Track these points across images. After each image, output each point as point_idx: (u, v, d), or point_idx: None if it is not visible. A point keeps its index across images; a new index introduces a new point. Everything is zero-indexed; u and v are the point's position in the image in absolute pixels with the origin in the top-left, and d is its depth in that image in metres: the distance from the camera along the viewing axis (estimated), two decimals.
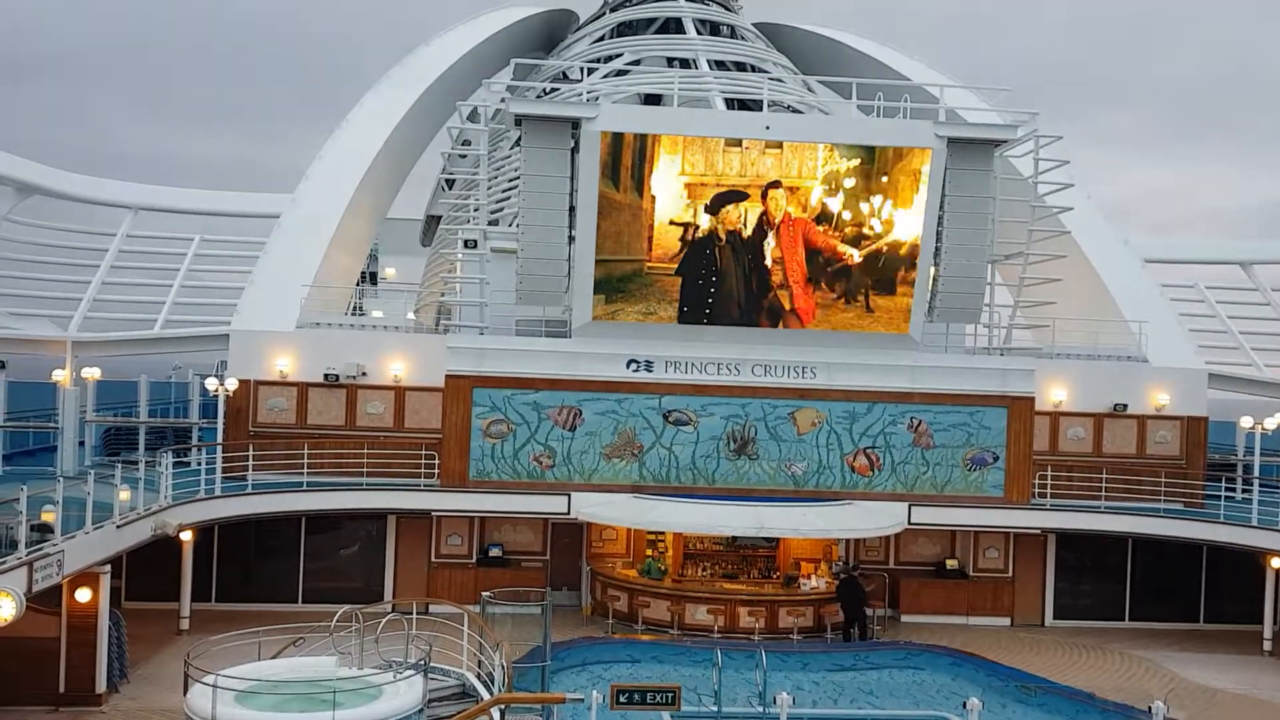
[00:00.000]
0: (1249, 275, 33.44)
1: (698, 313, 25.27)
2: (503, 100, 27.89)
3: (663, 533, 25.88)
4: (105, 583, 18.32)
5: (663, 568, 25.43)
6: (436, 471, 25.34)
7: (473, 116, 29.59)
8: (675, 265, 24.97)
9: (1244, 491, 27.65)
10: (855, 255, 25.17)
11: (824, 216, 25.03)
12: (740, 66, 33.79)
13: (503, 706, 15.98)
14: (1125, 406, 27.82)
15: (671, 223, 24.74)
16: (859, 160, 24.74)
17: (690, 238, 24.84)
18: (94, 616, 18.17)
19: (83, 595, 18.02)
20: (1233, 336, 31.95)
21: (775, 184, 24.75)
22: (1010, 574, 27.21)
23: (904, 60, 37.15)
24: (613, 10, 37.98)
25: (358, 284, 33.81)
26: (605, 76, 32.50)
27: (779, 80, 32.71)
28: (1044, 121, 26.82)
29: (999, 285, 28.14)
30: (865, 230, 25.13)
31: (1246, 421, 28.15)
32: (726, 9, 37.44)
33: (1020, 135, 26.44)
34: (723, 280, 25.23)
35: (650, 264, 25.00)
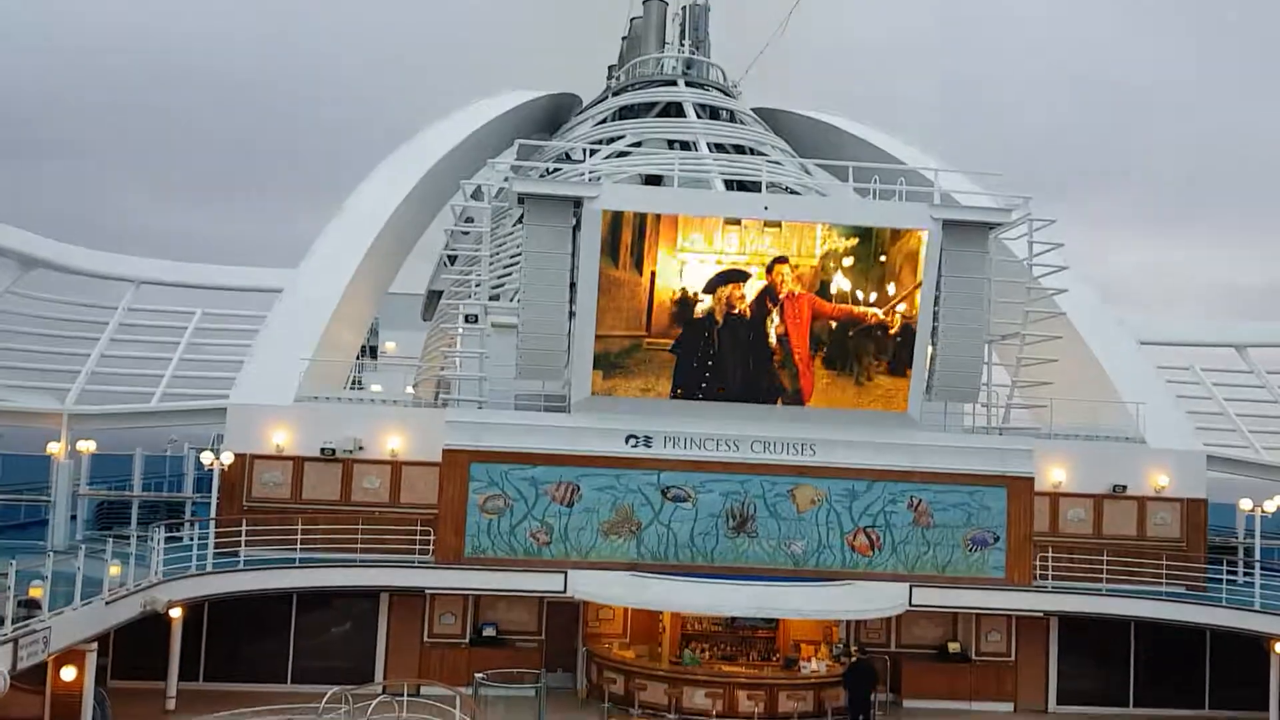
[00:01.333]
0: (1244, 358, 33.59)
1: (692, 391, 25.26)
2: (506, 179, 28.28)
3: (663, 612, 25.53)
4: (91, 660, 17.93)
5: (698, 658, 25.05)
6: (431, 548, 25.08)
7: (476, 194, 29.99)
8: (672, 342, 25.01)
9: (1246, 575, 27.42)
10: (878, 313, 25.16)
11: (824, 293, 25.17)
12: (739, 149, 34.39)
13: None
14: (1124, 488, 27.71)
15: (670, 301, 24.88)
16: (856, 240, 24.99)
17: (689, 317, 24.95)
18: (79, 695, 17.74)
19: (68, 674, 17.63)
20: (1229, 419, 31.95)
21: (782, 259, 24.90)
22: (1013, 658, 26.79)
23: (898, 144, 37.84)
24: (615, 94, 38.83)
25: (358, 358, 33.91)
26: (607, 157, 33.04)
27: (777, 163, 33.27)
28: (1037, 204, 27.22)
29: (996, 365, 28.24)
30: (864, 309, 25.28)
31: (1246, 504, 28.06)
32: (726, 94, 38.28)
33: (1014, 218, 26.80)
34: (720, 360, 25.27)
35: (650, 340, 25.08)
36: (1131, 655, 27.05)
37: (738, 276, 24.96)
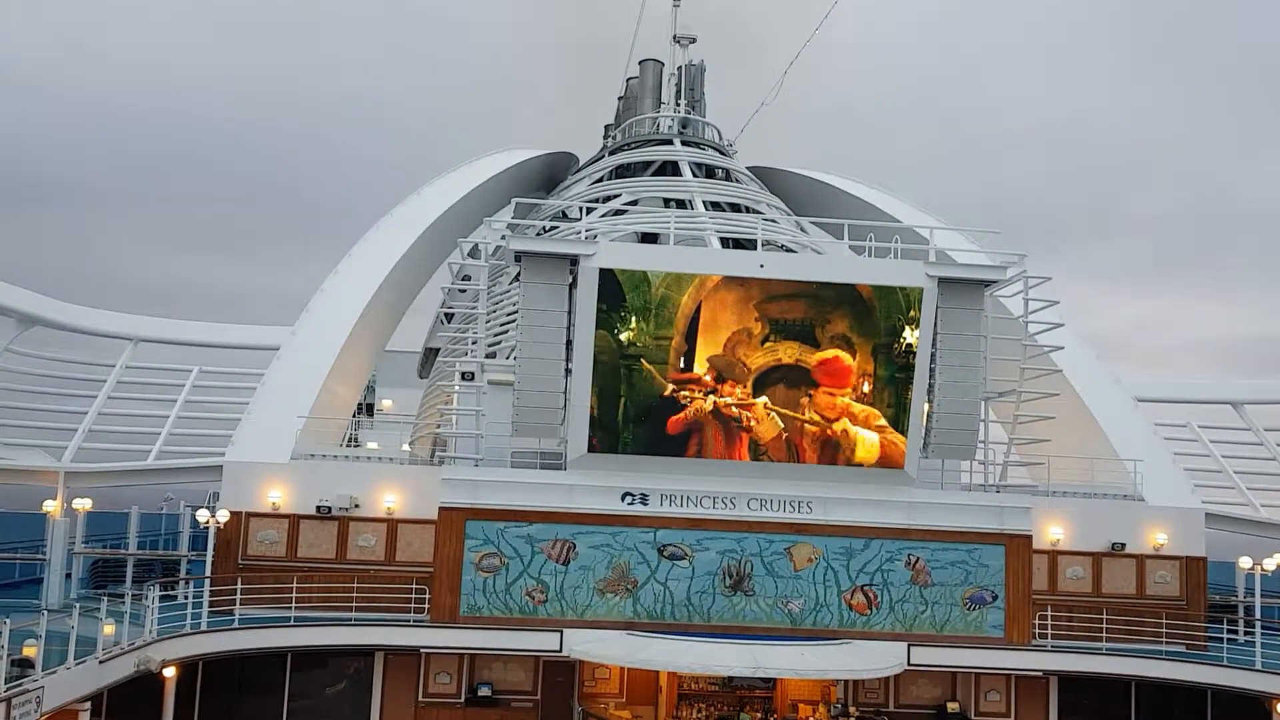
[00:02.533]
0: (1241, 415, 33.70)
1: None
2: (503, 237, 28.57)
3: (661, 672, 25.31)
4: None
5: None
6: (427, 606, 24.92)
7: (473, 253, 30.29)
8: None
9: (1246, 634, 27.24)
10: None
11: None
12: (735, 207, 34.77)
13: None
14: (1123, 545, 27.64)
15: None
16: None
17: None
18: None
19: None
20: (1227, 476, 32.01)
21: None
22: (1013, 717, 26.50)
23: (893, 201, 38.24)
24: (611, 153, 39.34)
25: (354, 415, 33.94)
26: (604, 215, 33.39)
27: (773, 220, 33.61)
28: (1032, 261, 27.45)
29: (993, 422, 28.29)
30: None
31: (1245, 562, 27.94)
32: (721, 153, 38.81)
33: (1010, 275, 27.01)
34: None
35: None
36: (1132, 714, 26.75)
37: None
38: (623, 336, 24.65)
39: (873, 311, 25.11)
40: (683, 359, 24.99)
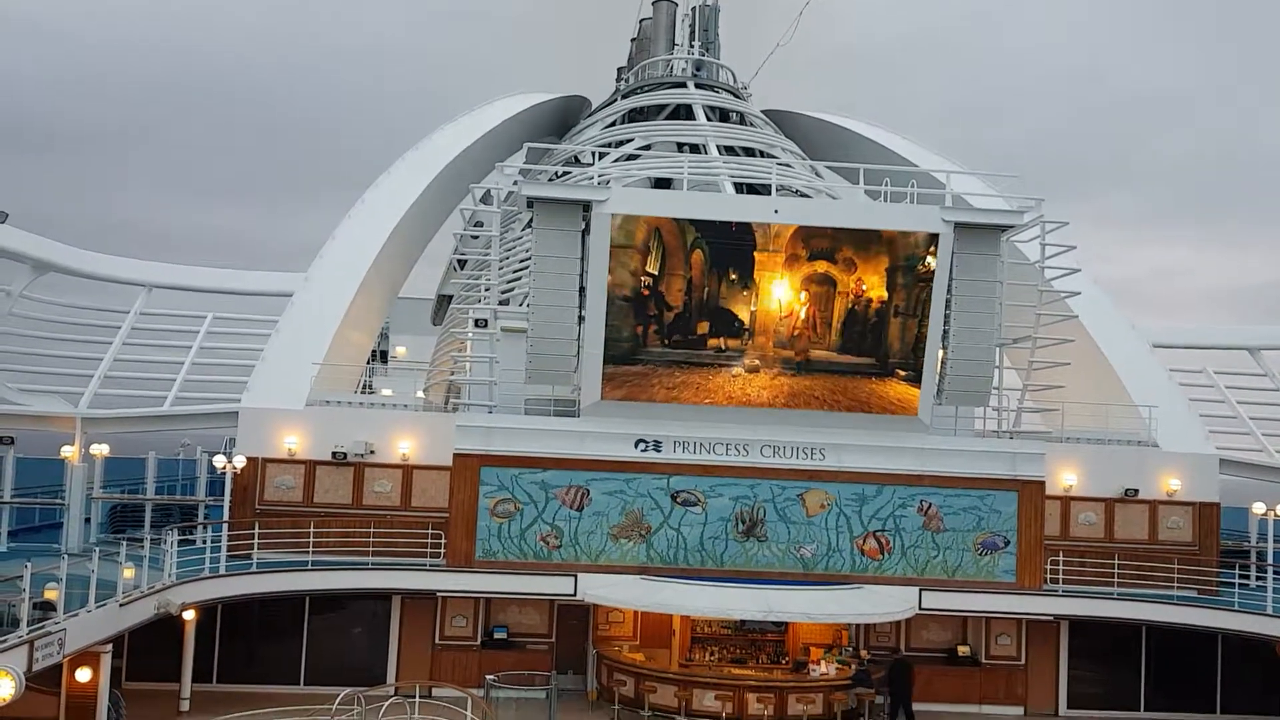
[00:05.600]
0: (1257, 361, 33.43)
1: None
2: (515, 183, 28.36)
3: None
4: (106, 662, 18.12)
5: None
6: (443, 551, 25.16)
7: (486, 199, 30.07)
8: None
9: (1258, 579, 27.31)
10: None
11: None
12: (749, 151, 34.39)
13: None
14: (1136, 491, 27.63)
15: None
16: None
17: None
18: (94, 697, 17.92)
19: (83, 675, 17.80)
20: (1242, 422, 31.84)
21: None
22: (1023, 662, 26.74)
23: (910, 146, 37.78)
24: (624, 96, 38.88)
25: (368, 362, 34.01)
26: (616, 160, 33.08)
27: (787, 165, 33.24)
28: (1048, 206, 27.14)
29: (1007, 368, 28.16)
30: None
31: (1259, 508, 27.92)
32: (735, 96, 38.29)
33: (1026, 220, 26.72)
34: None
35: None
36: (1143, 659, 26.98)
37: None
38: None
39: (891, 251, 24.89)
40: None
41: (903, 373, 25.55)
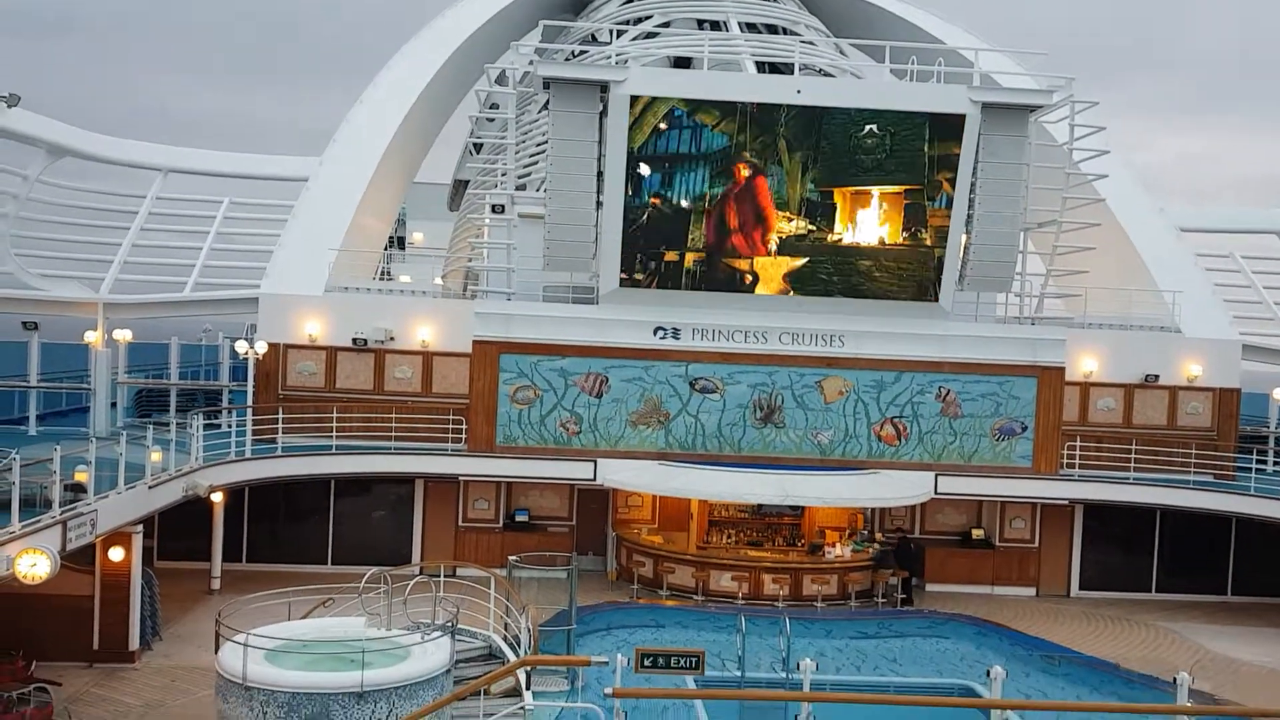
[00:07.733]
0: None
1: None
2: (531, 63, 27.68)
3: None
4: (138, 542, 18.62)
5: None
6: (464, 437, 25.46)
7: (501, 80, 29.40)
8: None
9: (1275, 464, 27.38)
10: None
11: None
12: (771, 29, 33.33)
13: (528, 668, 16.16)
14: (1157, 377, 27.53)
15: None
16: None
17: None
18: (127, 575, 18.49)
19: (116, 554, 18.32)
20: (1268, 308, 31.43)
21: None
22: (1036, 544, 27.12)
23: (938, 23, 36.48)
24: None
25: (386, 248, 33.86)
26: (635, 39, 32.15)
27: (810, 43, 32.29)
28: (1077, 87, 26.33)
29: (1031, 254, 27.79)
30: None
31: (1279, 394, 27.78)
32: None
33: (1056, 101, 25.98)
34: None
35: None
36: (1156, 542, 27.31)
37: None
38: None
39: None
40: None
41: None
